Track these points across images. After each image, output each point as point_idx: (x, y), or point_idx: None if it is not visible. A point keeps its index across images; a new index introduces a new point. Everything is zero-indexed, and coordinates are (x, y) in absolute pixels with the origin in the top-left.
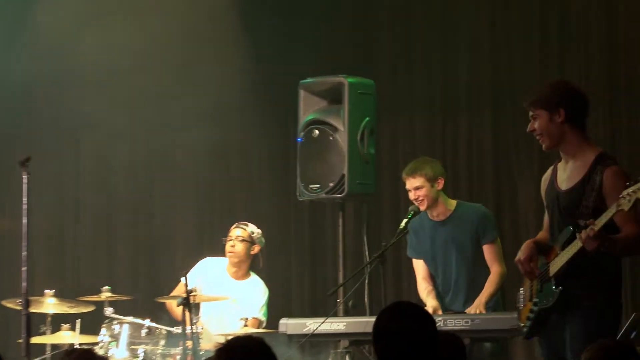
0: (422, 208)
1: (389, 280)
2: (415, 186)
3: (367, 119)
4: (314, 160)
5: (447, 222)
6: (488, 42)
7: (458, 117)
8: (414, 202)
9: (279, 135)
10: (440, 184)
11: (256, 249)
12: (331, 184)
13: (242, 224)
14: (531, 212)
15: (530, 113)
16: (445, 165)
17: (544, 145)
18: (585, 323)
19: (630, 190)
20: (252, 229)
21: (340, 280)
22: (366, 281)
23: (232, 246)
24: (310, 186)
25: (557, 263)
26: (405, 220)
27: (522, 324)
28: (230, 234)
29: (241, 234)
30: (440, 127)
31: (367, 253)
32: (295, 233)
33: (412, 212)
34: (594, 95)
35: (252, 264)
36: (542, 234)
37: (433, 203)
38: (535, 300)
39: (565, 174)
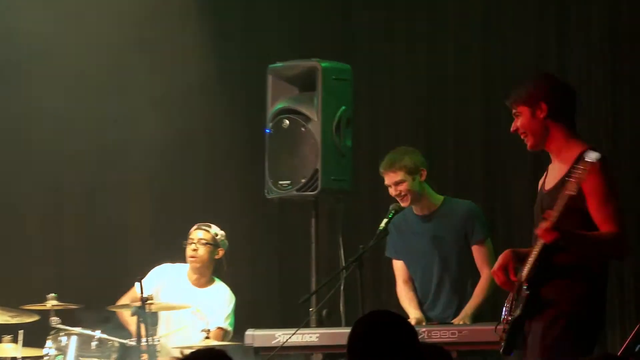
0: (405, 204)
1: (368, 286)
2: (396, 181)
3: (344, 107)
4: (283, 154)
5: (432, 218)
6: (479, 28)
7: (445, 107)
8: (396, 198)
9: (245, 125)
10: (423, 175)
11: (220, 252)
12: (303, 180)
13: (204, 225)
14: (526, 210)
15: (513, 111)
16: (432, 159)
17: (528, 145)
18: (543, 334)
19: (578, 170)
20: (216, 230)
21: (313, 286)
22: (342, 288)
23: (195, 250)
24: (280, 183)
25: (527, 266)
26: (385, 220)
27: (501, 341)
28: (191, 236)
29: (204, 237)
30: (425, 117)
31: (342, 257)
32: (263, 235)
33: (393, 212)
34: (595, 88)
35: (215, 269)
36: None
37: (417, 198)
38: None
39: (552, 174)
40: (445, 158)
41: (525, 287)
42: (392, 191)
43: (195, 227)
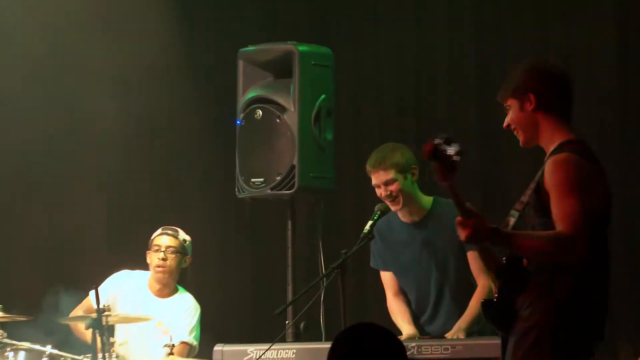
0: (397, 207)
1: (350, 296)
2: (386, 180)
3: (324, 96)
4: (256, 148)
5: (422, 224)
6: (474, 10)
7: (436, 96)
8: (385, 200)
9: (213, 116)
10: (415, 174)
11: (188, 261)
12: (278, 178)
13: (171, 230)
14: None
15: (504, 105)
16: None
17: (520, 141)
18: (515, 348)
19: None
20: (183, 235)
21: (290, 296)
22: (322, 298)
23: (164, 259)
24: (252, 180)
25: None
26: (370, 222)
27: None
28: (157, 242)
29: (172, 243)
30: (414, 106)
31: (322, 263)
32: (234, 238)
33: (378, 212)
34: (602, 75)
35: (179, 278)
36: None
37: (409, 199)
38: None
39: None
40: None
41: (494, 297)
42: (380, 192)
43: (159, 231)
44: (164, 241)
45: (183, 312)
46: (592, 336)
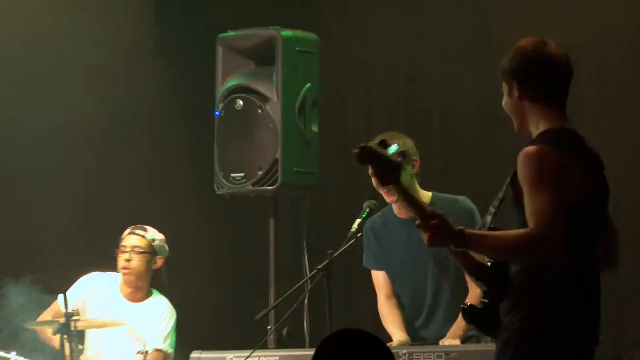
0: (392, 199)
1: (336, 300)
2: None
3: (309, 85)
4: (236, 141)
5: None
6: None
7: (430, 84)
8: (380, 191)
9: (190, 106)
10: (415, 166)
11: (159, 261)
12: (260, 173)
13: (139, 229)
14: None
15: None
16: (415, 147)
17: (515, 126)
18: (498, 356)
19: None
20: (153, 234)
21: (272, 300)
22: (306, 301)
23: (128, 260)
24: (232, 175)
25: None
26: (358, 220)
27: None
28: (124, 242)
29: (139, 243)
30: (407, 97)
31: (307, 264)
32: (212, 238)
33: (367, 210)
34: (613, 57)
35: (153, 281)
36: None
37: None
38: None
39: None
40: (431, 146)
41: (480, 300)
42: (376, 182)
43: (128, 231)
44: (131, 241)
45: (157, 317)
46: (582, 340)
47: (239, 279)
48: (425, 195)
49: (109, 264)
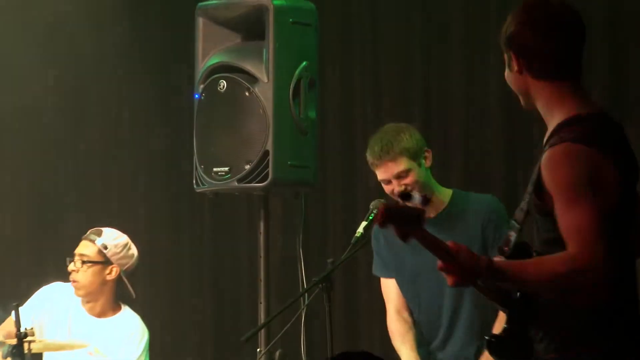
0: (410, 204)
1: (339, 317)
2: (398, 172)
3: (305, 63)
4: (220, 130)
5: (438, 222)
6: None
7: (448, 63)
8: (396, 197)
9: (165, 89)
10: (428, 157)
11: (114, 271)
12: (247, 167)
13: (94, 232)
14: None
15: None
16: (431, 137)
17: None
18: None
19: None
20: (107, 239)
21: (262, 318)
22: (303, 319)
23: (74, 271)
24: (215, 170)
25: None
26: (364, 223)
27: None
28: (76, 249)
29: (85, 251)
30: (419, 75)
31: (303, 274)
32: (191, 244)
33: (375, 211)
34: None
35: (120, 293)
36: None
37: (424, 191)
38: None
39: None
40: (451, 136)
41: (505, 327)
42: (391, 189)
43: (86, 234)
44: (80, 248)
45: (126, 338)
46: None
47: (222, 292)
48: (445, 193)
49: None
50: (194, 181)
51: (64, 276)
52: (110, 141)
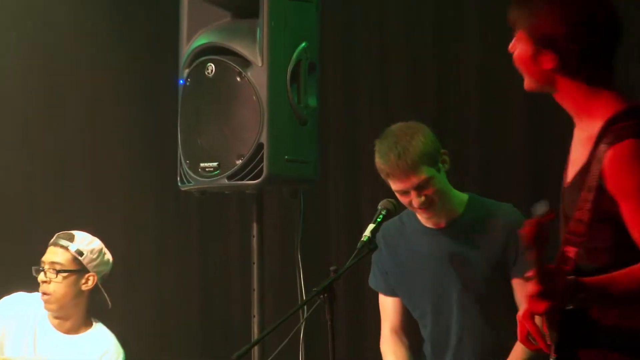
0: (430, 214)
1: (342, 332)
2: (418, 184)
3: (304, 44)
4: (207, 120)
5: (450, 231)
6: None
7: (466, 44)
8: (416, 210)
9: (145, 74)
10: (446, 160)
11: (91, 280)
12: (239, 162)
13: (63, 238)
14: None
15: (513, 31)
16: (444, 135)
17: (524, 83)
18: None
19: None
20: (80, 244)
21: (255, 333)
22: (301, 334)
23: (45, 282)
24: (202, 166)
25: (551, 325)
26: (371, 226)
27: None
28: (44, 257)
29: (57, 259)
30: (431, 57)
31: (302, 284)
32: (175, 249)
33: (384, 212)
34: None
35: (92, 305)
36: None
37: (445, 201)
38: None
39: (574, 151)
40: (468, 132)
41: (552, 351)
42: (409, 200)
43: (52, 239)
44: (50, 255)
45: (99, 357)
46: None
47: (210, 303)
48: (460, 199)
49: (35, 282)
50: (178, 178)
51: (30, 285)
52: (85, 133)
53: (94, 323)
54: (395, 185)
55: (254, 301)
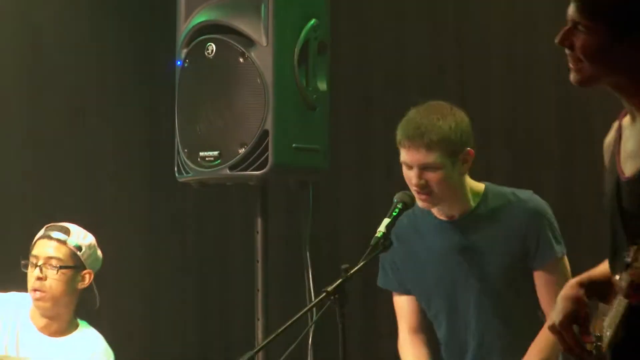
0: (425, 205)
1: (354, 336)
2: (424, 163)
3: (313, 22)
4: (207, 105)
5: (464, 223)
6: None
7: (489, 23)
8: (413, 190)
9: (139, 55)
10: (468, 160)
11: (87, 277)
12: (242, 151)
13: (58, 231)
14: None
15: (576, 21)
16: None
17: (576, 77)
18: None
19: None
20: (77, 238)
21: (260, 337)
22: (310, 338)
23: (41, 280)
24: (202, 155)
25: (609, 326)
26: (386, 221)
27: None
28: (35, 251)
29: (56, 254)
30: (454, 37)
31: (311, 284)
32: (172, 244)
33: (400, 206)
34: None
35: (79, 305)
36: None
37: (447, 196)
38: None
39: (632, 143)
40: (490, 122)
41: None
42: (410, 177)
43: (41, 233)
44: (46, 250)
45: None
46: None
47: (211, 306)
48: (476, 190)
49: (19, 281)
50: (176, 169)
51: (8, 283)
52: (79, 126)
53: (79, 324)
54: (403, 156)
55: (257, 303)
